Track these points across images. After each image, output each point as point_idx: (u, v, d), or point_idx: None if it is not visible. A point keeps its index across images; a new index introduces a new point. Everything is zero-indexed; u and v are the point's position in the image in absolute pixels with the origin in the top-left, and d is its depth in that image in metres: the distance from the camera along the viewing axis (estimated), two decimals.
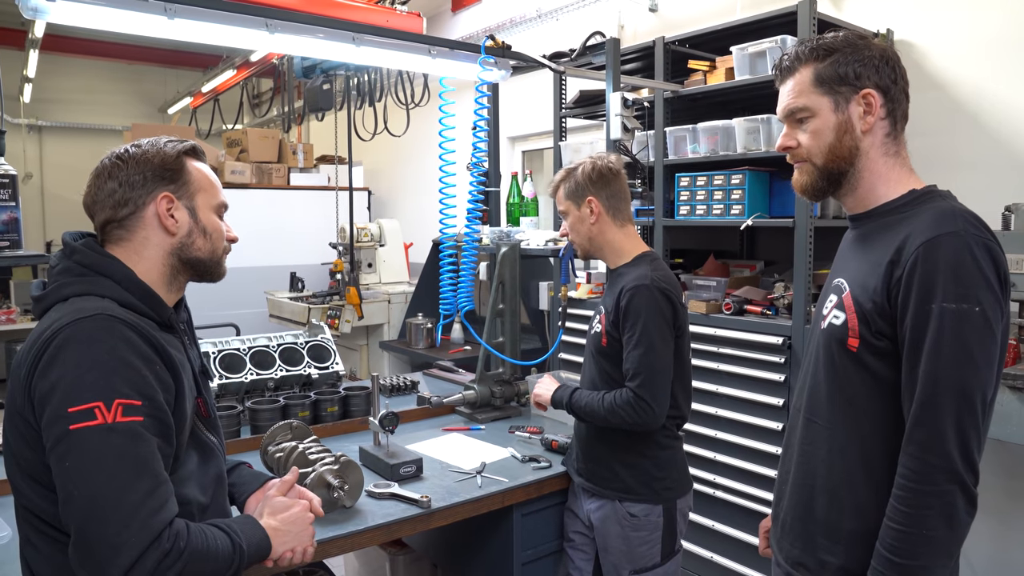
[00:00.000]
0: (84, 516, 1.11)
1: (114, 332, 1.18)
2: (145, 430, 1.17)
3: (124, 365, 1.17)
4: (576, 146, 3.81)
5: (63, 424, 1.12)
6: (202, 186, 1.39)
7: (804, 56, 1.32)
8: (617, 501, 1.97)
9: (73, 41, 7.39)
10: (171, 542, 1.14)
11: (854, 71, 1.28)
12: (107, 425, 1.13)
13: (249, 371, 2.55)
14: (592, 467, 2.02)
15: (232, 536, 1.26)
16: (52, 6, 1.98)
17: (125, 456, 1.13)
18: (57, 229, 8.10)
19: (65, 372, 1.14)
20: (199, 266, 1.39)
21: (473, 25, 5.36)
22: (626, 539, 1.97)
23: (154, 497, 1.14)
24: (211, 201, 1.40)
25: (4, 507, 1.78)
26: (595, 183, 2.02)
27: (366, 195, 6.39)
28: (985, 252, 1.16)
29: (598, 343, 2.01)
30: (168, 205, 1.33)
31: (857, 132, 1.29)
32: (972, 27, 2.86)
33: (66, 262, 1.28)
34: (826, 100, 1.30)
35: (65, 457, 1.12)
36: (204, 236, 1.38)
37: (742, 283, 3.12)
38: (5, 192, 2.12)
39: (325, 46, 2.54)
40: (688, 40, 3.23)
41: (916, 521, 1.16)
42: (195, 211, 1.37)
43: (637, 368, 1.87)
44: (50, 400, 1.14)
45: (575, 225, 2.05)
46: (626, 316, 1.90)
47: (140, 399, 1.17)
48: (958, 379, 1.15)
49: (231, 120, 7.47)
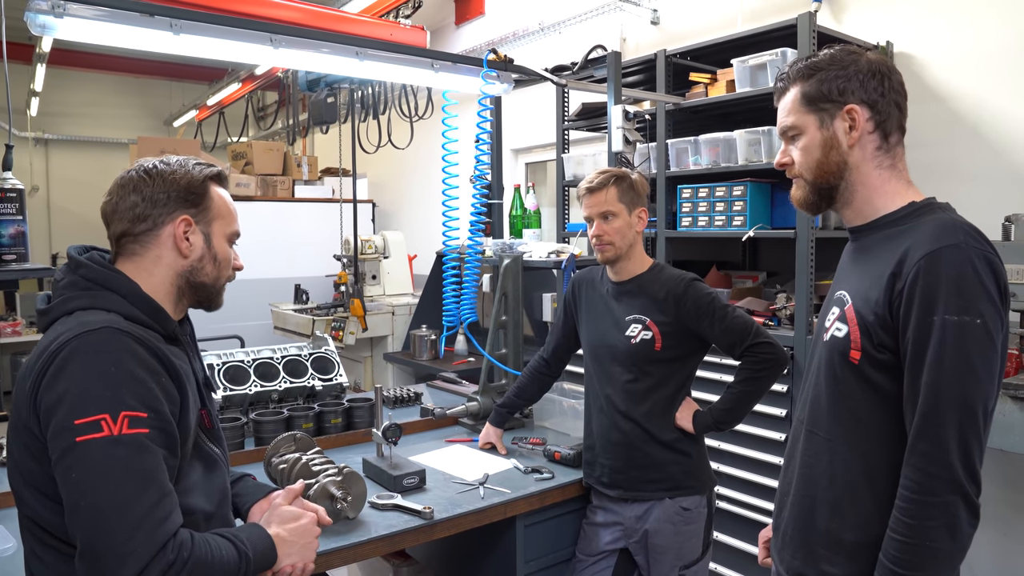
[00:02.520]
0: (90, 527, 1.12)
1: (120, 345, 1.20)
2: (151, 442, 1.18)
3: (130, 378, 1.18)
4: (579, 158, 3.83)
5: (69, 436, 1.13)
6: (221, 213, 1.41)
7: (793, 76, 1.37)
8: (667, 499, 2.01)
9: (80, 55, 7.44)
10: (175, 552, 1.14)
11: (838, 88, 1.31)
12: (113, 437, 1.14)
13: (253, 383, 2.56)
14: (635, 473, 2.04)
15: (237, 544, 1.26)
16: (60, 23, 2.00)
17: (130, 468, 1.14)
18: (63, 242, 8.15)
19: (71, 385, 1.15)
20: (202, 291, 1.41)
21: (477, 38, 5.40)
22: (678, 535, 2.01)
23: (159, 508, 1.15)
24: (226, 229, 1.42)
25: (8, 519, 1.78)
26: (643, 195, 2.09)
27: (370, 207, 6.41)
28: (986, 265, 1.17)
29: (652, 350, 2.02)
30: (186, 228, 1.35)
31: (843, 147, 1.32)
32: (972, 39, 2.88)
33: (71, 276, 1.30)
34: (812, 118, 1.34)
35: (72, 469, 1.13)
36: (213, 263, 1.40)
37: (744, 294, 3.13)
38: (12, 206, 2.14)
39: (329, 61, 2.57)
40: (690, 53, 3.25)
41: (919, 532, 1.16)
42: (210, 237, 1.39)
43: (737, 329, 1.96)
44: (56, 412, 1.15)
45: (623, 229, 2.04)
46: (699, 308, 1.97)
47: (146, 411, 1.18)
48: (960, 391, 1.15)
49: (236, 133, 7.52)
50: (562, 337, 2.33)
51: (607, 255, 2.06)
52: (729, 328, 1.96)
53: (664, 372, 2.04)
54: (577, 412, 2.45)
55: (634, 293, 2.07)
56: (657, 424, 2.03)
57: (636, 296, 2.06)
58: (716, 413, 2.01)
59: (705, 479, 2.08)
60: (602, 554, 2.09)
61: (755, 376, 1.98)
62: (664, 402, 2.04)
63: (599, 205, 2.04)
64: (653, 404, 2.03)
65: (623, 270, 2.09)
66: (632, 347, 2.03)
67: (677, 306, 1.99)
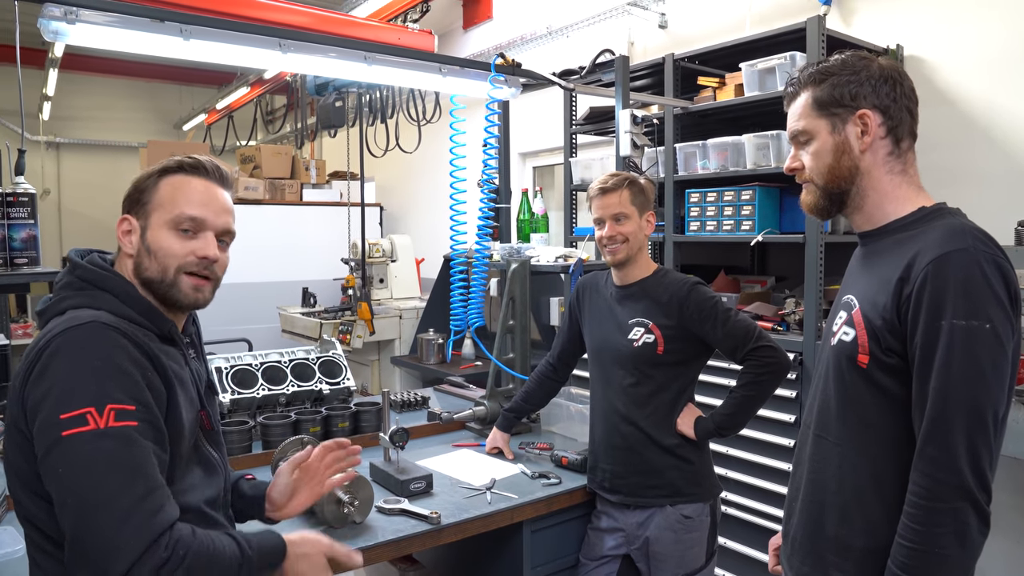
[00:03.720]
0: (78, 522, 1.10)
1: (107, 339, 1.18)
2: (139, 435, 1.15)
3: (117, 371, 1.17)
4: (586, 162, 3.83)
5: (55, 431, 1.11)
6: (161, 203, 1.32)
7: (804, 81, 1.36)
8: (668, 506, 2.00)
9: (91, 60, 7.51)
10: (170, 549, 1.12)
11: (850, 92, 1.30)
12: (99, 430, 1.12)
13: (261, 386, 2.57)
14: (636, 479, 2.04)
15: (239, 542, 1.24)
16: (72, 29, 2.02)
17: (118, 460, 1.12)
18: (73, 244, 8.12)
19: (56, 379, 1.14)
20: (152, 287, 1.32)
21: (485, 42, 5.41)
22: (679, 543, 2.00)
23: (148, 500, 1.13)
24: (165, 216, 1.32)
25: (17, 522, 1.79)
26: (652, 200, 2.10)
27: (378, 211, 6.43)
28: (995, 269, 1.17)
29: (654, 353, 2.02)
30: (127, 227, 1.33)
31: (855, 152, 1.31)
32: (983, 42, 2.86)
33: (68, 277, 1.30)
34: (823, 123, 1.33)
35: (58, 464, 1.11)
36: (148, 256, 1.31)
37: (753, 299, 3.12)
38: (24, 210, 2.15)
39: (337, 65, 2.58)
40: (698, 57, 3.25)
41: (928, 539, 1.15)
42: (145, 230, 1.32)
43: (740, 333, 1.96)
44: (42, 408, 1.14)
45: (635, 232, 2.05)
46: (701, 311, 1.97)
47: (133, 404, 1.16)
48: (969, 396, 1.15)
49: (245, 136, 7.56)
50: (568, 341, 2.33)
51: (618, 256, 2.05)
52: (731, 332, 1.96)
53: (666, 376, 2.03)
54: (584, 417, 2.44)
55: (637, 297, 2.07)
56: (658, 429, 2.02)
57: (639, 300, 2.06)
58: (717, 418, 2.00)
59: (708, 486, 2.06)
60: (605, 559, 2.09)
61: (757, 380, 1.97)
62: (666, 407, 2.03)
63: (612, 207, 2.04)
64: (655, 408, 2.03)
65: (628, 274, 2.09)
66: (634, 350, 2.03)
67: (680, 309, 1.99)
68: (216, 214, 1.36)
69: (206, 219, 1.34)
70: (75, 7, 2.01)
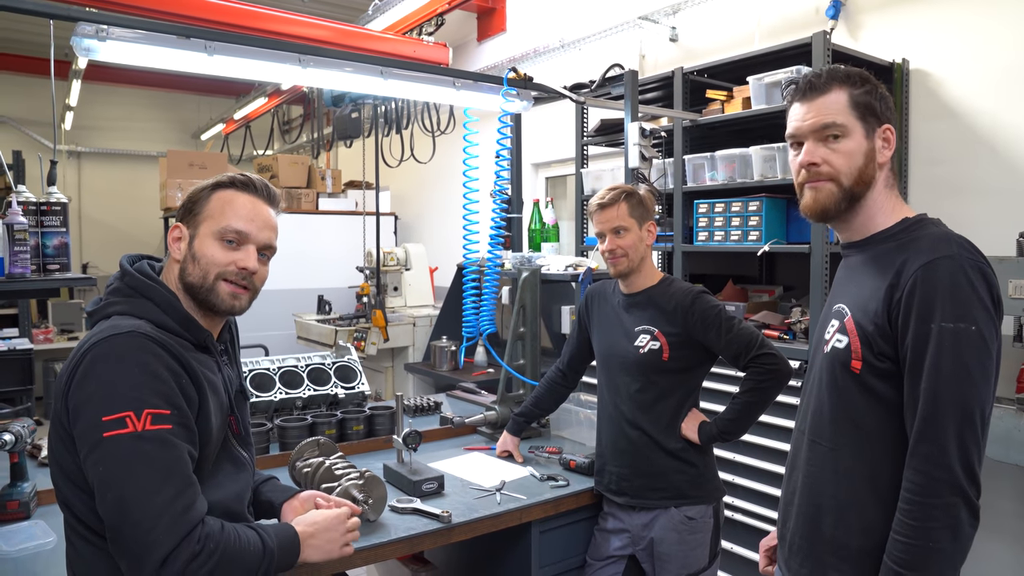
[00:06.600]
0: (117, 516, 1.21)
1: (144, 348, 1.28)
2: (174, 437, 1.26)
3: (153, 378, 1.26)
4: (597, 173, 3.89)
5: (97, 432, 1.22)
6: (211, 213, 1.42)
7: (839, 78, 1.36)
8: (672, 508, 2.06)
9: (113, 71, 7.63)
10: (202, 542, 1.23)
11: (880, 106, 1.35)
12: (137, 433, 1.22)
13: (278, 390, 2.63)
14: (641, 481, 2.09)
15: (263, 535, 1.35)
16: (103, 46, 2.12)
17: (153, 461, 1.23)
18: (93, 252, 8.35)
19: (99, 384, 1.24)
20: (192, 292, 1.41)
21: (498, 54, 5.48)
22: (683, 544, 2.05)
23: (182, 498, 1.23)
24: (214, 227, 1.41)
25: (49, 515, 1.87)
26: (652, 210, 2.15)
27: (393, 220, 6.49)
28: (979, 274, 1.23)
29: (659, 360, 2.07)
30: (177, 234, 1.44)
31: (876, 162, 1.36)
32: (988, 56, 2.90)
33: (118, 283, 1.40)
34: (860, 125, 1.34)
35: (99, 463, 1.22)
36: (193, 262, 1.41)
37: (760, 308, 3.16)
38: (57, 218, 2.24)
39: (355, 79, 2.66)
40: (706, 70, 3.30)
41: (922, 534, 1.20)
42: (194, 238, 1.42)
43: (742, 340, 2.00)
44: (85, 410, 1.24)
45: (636, 243, 2.10)
46: (705, 319, 2.02)
47: (169, 408, 1.26)
48: (958, 395, 1.20)
49: (262, 146, 7.67)
50: (576, 348, 2.39)
51: (620, 268, 2.11)
52: (734, 339, 2.00)
53: (671, 382, 2.08)
54: (593, 423, 2.49)
55: (644, 305, 2.12)
56: (663, 433, 2.07)
57: (646, 308, 2.12)
58: (720, 423, 2.05)
59: (711, 489, 2.11)
60: (610, 559, 2.14)
61: (759, 387, 2.01)
62: (670, 412, 2.08)
63: (611, 221, 2.10)
64: (659, 413, 2.08)
65: (634, 283, 2.15)
66: (640, 357, 2.09)
67: (685, 317, 2.04)
68: (259, 229, 1.45)
69: (250, 233, 1.44)
70: (106, 25, 2.10)
